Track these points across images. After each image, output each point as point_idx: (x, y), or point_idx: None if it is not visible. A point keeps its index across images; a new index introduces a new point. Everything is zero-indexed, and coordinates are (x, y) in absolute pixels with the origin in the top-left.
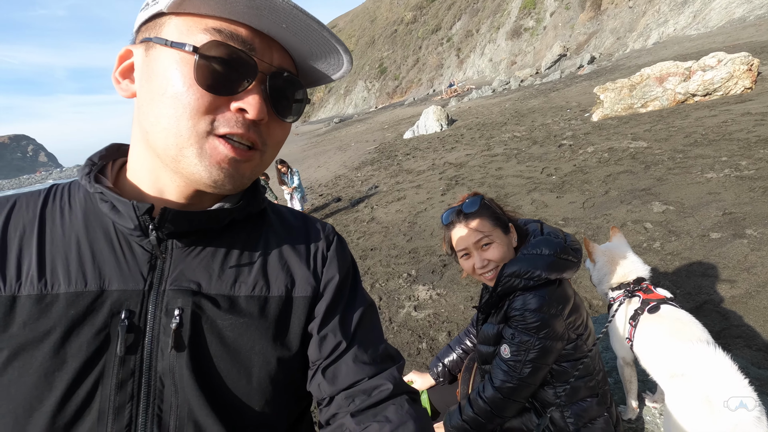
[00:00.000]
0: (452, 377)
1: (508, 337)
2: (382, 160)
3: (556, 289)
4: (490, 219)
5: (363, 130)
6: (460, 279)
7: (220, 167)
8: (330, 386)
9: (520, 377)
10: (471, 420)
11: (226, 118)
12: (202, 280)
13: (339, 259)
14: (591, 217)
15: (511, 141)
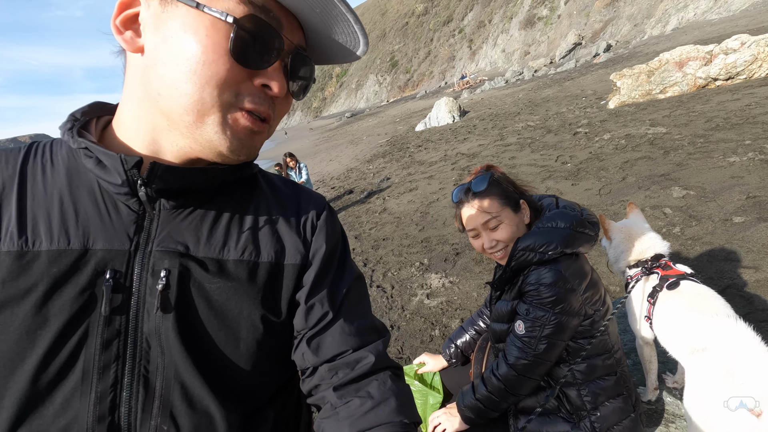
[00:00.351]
0: (465, 359)
1: (522, 312)
2: (393, 153)
3: (572, 263)
4: (498, 198)
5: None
6: (473, 267)
7: (239, 138)
8: (314, 356)
9: (535, 353)
10: (484, 398)
11: (250, 93)
12: (190, 243)
13: (328, 229)
14: (608, 204)
15: (525, 130)
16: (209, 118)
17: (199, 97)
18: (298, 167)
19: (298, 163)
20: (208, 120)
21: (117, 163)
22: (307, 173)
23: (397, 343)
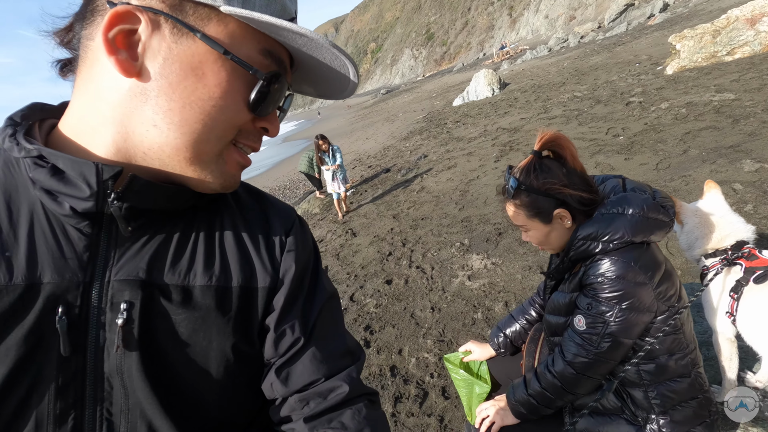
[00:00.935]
0: (515, 348)
1: (583, 307)
2: (431, 129)
3: (642, 252)
4: (525, 209)
5: (410, 99)
6: (517, 248)
7: (231, 174)
8: (283, 387)
9: (596, 352)
10: (538, 394)
11: (248, 132)
12: (152, 269)
13: (298, 246)
14: (666, 179)
15: (571, 102)
16: (207, 156)
17: (206, 138)
18: (331, 150)
19: (330, 146)
20: (206, 158)
21: (89, 171)
22: (341, 156)
23: (438, 325)
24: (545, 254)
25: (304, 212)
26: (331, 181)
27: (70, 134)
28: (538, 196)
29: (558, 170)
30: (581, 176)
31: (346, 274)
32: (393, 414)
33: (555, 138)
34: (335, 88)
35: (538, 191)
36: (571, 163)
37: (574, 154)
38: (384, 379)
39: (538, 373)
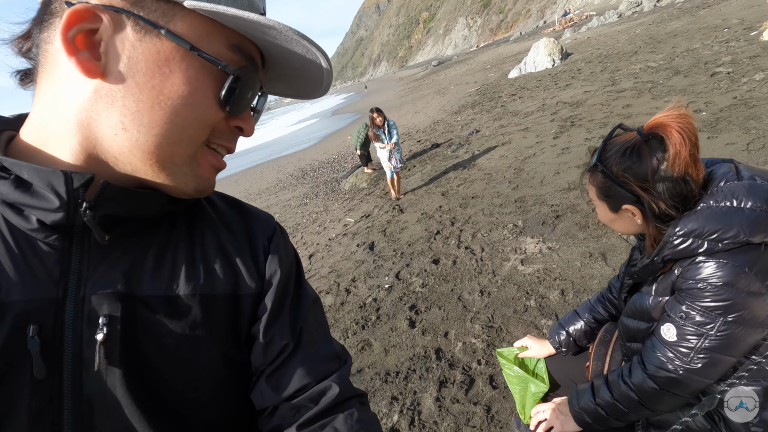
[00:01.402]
0: (578, 348)
1: (676, 314)
2: (484, 103)
3: (759, 255)
4: (596, 188)
5: (463, 71)
6: (576, 233)
7: (205, 177)
8: (274, 394)
9: (688, 368)
10: (607, 405)
11: (221, 132)
12: (132, 280)
13: (281, 252)
14: (759, 162)
15: (644, 73)
16: (179, 158)
17: (178, 139)
18: (387, 126)
19: (386, 120)
20: (178, 160)
21: (58, 180)
22: (398, 134)
23: (487, 310)
24: (609, 240)
25: (351, 186)
26: (387, 161)
27: (34, 143)
28: (612, 183)
29: (649, 165)
30: (678, 181)
31: (392, 251)
32: (437, 399)
33: (667, 124)
34: (310, 84)
35: (614, 179)
36: (670, 163)
37: (683, 152)
38: (429, 362)
39: (610, 381)
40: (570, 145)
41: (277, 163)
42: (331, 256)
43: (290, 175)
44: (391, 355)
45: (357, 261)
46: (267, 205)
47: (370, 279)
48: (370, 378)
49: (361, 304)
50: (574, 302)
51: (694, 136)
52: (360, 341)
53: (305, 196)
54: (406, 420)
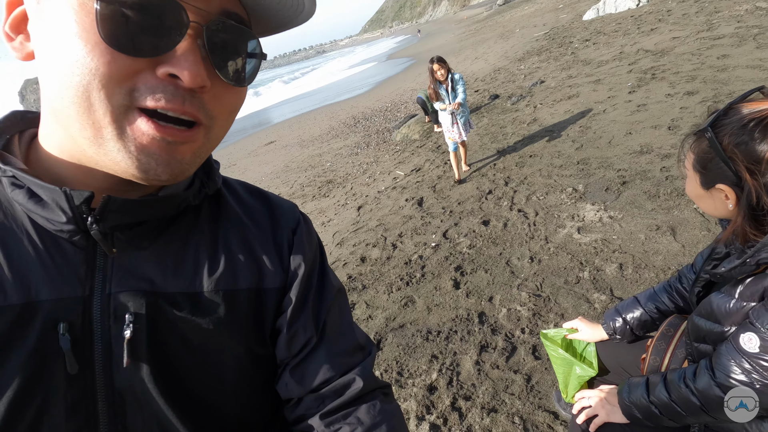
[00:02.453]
0: (634, 337)
1: (763, 325)
2: (552, 49)
3: None
4: (697, 159)
5: (531, 12)
6: (644, 202)
7: (148, 152)
8: (299, 387)
9: (765, 383)
10: (662, 405)
11: (150, 87)
12: (155, 278)
13: (306, 244)
14: None
15: (750, 16)
16: (105, 130)
17: (87, 105)
18: (452, 80)
19: (451, 73)
20: (106, 133)
21: (60, 198)
22: (464, 90)
23: (536, 277)
24: (682, 214)
25: (403, 138)
26: (450, 126)
27: (46, 146)
28: (715, 155)
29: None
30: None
31: (441, 209)
32: (477, 362)
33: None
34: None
35: (720, 151)
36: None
37: None
38: (471, 325)
39: (669, 381)
40: (647, 101)
41: (330, 109)
42: (380, 209)
43: (342, 123)
44: (433, 313)
45: (405, 216)
46: (319, 153)
47: (417, 236)
48: (411, 334)
49: (407, 260)
50: (633, 278)
51: None
52: (403, 297)
53: (356, 145)
54: (445, 379)
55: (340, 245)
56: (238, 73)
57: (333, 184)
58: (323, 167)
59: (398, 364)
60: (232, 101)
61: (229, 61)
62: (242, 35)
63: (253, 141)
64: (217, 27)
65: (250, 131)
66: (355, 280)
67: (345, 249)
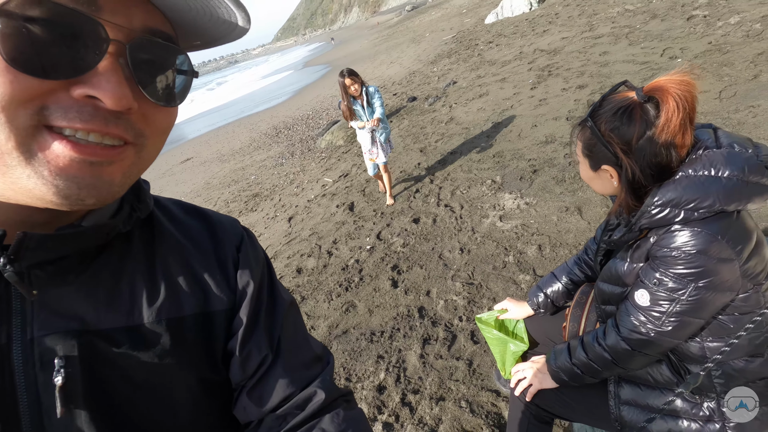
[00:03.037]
0: (555, 309)
1: (649, 281)
2: (460, 51)
3: (732, 223)
4: (583, 145)
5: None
6: (553, 187)
7: (67, 176)
8: (258, 408)
9: (658, 331)
10: (582, 364)
11: (63, 107)
12: (86, 315)
13: (252, 260)
14: (730, 111)
15: (621, 17)
16: (9, 156)
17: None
18: (366, 94)
19: (364, 86)
20: (10, 160)
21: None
22: (382, 104)
23: (467, 267)
24: (585, 194)
25: (328, 144)
26: (369, 147)
27: None
28: (597, 141)
29: (636, 129)
30: (658, 150)
31: (372, 211)
32: (421, 355)
33: (666, 89)
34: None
35: (600, 137)
36: (659, 130)
37: (674, 120)
38: (412, 320)
39: (585, 343)
40: (547, 96)
41: (249, 120)
42: (311, 218)
43: (264, 134)
44: (375, 315)
45: (337, 222)
46: (242, 167)
47: (352, 240)
48: (355, 338)
49: (343, 265)
50: (551, 256)
51: (691, 105)
52: (344, 303)
53: (281, 155)
54: (392, 377)
55: (273, 259)
56: (166, 92)
57: (260, 198)
58: (248, 181)
59: (345, 370)
60: (163, 121)
61: (157, 80)
62: (169, 53)
63: (167, 160)
64: (141, 45)
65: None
66: (293, 292)
67: (279, 262)
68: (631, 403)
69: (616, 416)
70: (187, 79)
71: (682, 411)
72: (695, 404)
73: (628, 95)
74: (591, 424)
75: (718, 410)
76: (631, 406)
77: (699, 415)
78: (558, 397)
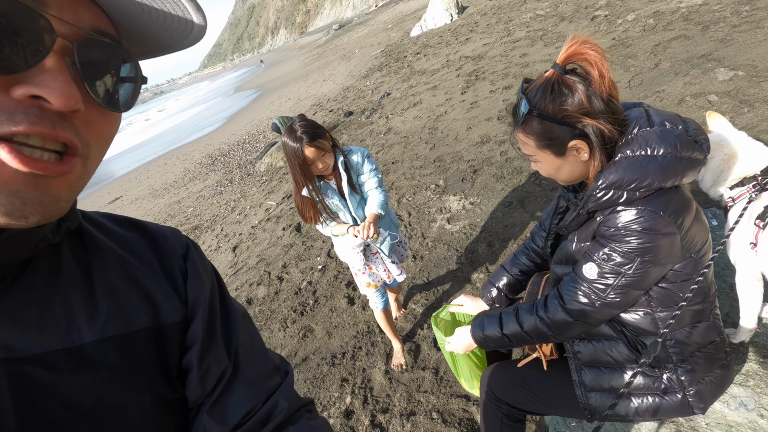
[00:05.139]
0: (509, 301)
1: (597, 256)
2: (390, 64)
3: (672, 197)
4: (535, 138)
5: (365, 33)
6: (494, 184)
7: (10, 190)
8: (220, 426)
9: (603, 302)
10: (514, 335)
11: (5, 110)
12: (13, 340)
13: (201, 270)
14: (640, 97)
15: (534, 21)
16: None
17: None
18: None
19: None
20: None
21: None
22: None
23: (422, 274)
24: (524, 188)
25: (267, 167)
26: (363, 263)
27: None
28: (552, 123)
29: (581, 93)
30: (608, 103)
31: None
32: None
33: (581, 51)
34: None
35: (553, 118)
36: (597, 85)
37: (604, 71)
38: (373, 336)
39: (520, 315)
40: (477, 98)
41: (182, 151)
42: (257, 244)
43: (199, 164)
44: (334, 336)
45: (285, 245)
46: (178, 200)
47: (302, 262)
48: (316, 364)
49: (296, 290)
50: (501, 251)
51: (603, 57)
52: (301, 328)
53: (219, 184)
54: (359, 399)
55: None
56: (114, 96)
57: (200, 230)
58: (185, 214)
59: None
60: (108, 128)
61: (104, 83)
62: (118, 55)
63: (93, 201)
64: (89, 44)
65: (87, 191)
66: None
67: None
68: (597, 389)
69: (584, 405)
70: (136, 86)
71: (644, 387)
72: (655, 378)
73: (547, 75)
74: (562, 414)
75: (677, 380)
76: (597, 392)
77: (660, 388)
78: (527, 394)
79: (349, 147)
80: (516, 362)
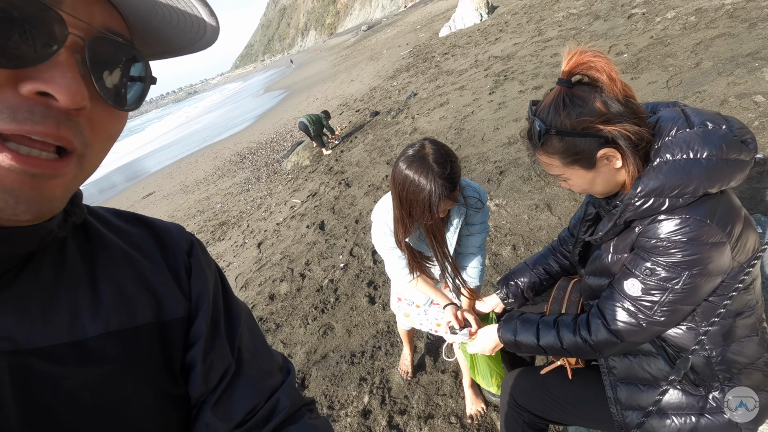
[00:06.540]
0: (523, 300)
1: (640, 270)
2: (418, 65)
3: (718, 203)
4: (560, 157)
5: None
6: (521, 186)
7: (3, 188)
8: (224, 424)
9: (650, 321)
10: (551, 348)
11: (10, 107)
12: (16, 332)
13: (205, 266)
14: (679, 98)
15: (567, 20)
16: None
17: None
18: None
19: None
20: None
21: None
22: (486, 230)
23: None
24: (552, 190)
25: (293, 165)
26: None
27: None
28: (574, 138)
29: (595, 100)
30: (626, 104)
31: (343, 228)
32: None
33: (583, 60)
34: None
35: (574, 132)
36: (609, 89)
37: (613, 74)
38: (393, 336)
39: (561, 331)
40: (506, 99)
41: (212, 149)
42: (281, 241)
43: (228, 161)
44: (354, 335)
45: (309, 243)
46: (207, 196)
47: (324, 260)
48: (335, 362)
49: (317, 287)
50: (526, 255)
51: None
52: (321, 326)
53: (246, 181)
54: (377, 399)
55: (245, 288)
56: (121, 95)
57: (227, 226)
58: (213, 210)
59: (327, 397)
60: (112, 126)
61: (112, 81)
62: (129, 54)
63: (128, 196)
64: (101, 42)
65: (122, 186)
66: (267, 320)
67: (251, 291)
68: (634, 407)
69: (620, 423)
70: (145, 86)
71: (687, 406)
72: (699, 397)
73: (554, 93)
74: (587, 426)
75: (724, 399)
76: (634, 410)
77: (705, 407)
78: (550, 403)
79: (465, 180)
80: (539, 369)
